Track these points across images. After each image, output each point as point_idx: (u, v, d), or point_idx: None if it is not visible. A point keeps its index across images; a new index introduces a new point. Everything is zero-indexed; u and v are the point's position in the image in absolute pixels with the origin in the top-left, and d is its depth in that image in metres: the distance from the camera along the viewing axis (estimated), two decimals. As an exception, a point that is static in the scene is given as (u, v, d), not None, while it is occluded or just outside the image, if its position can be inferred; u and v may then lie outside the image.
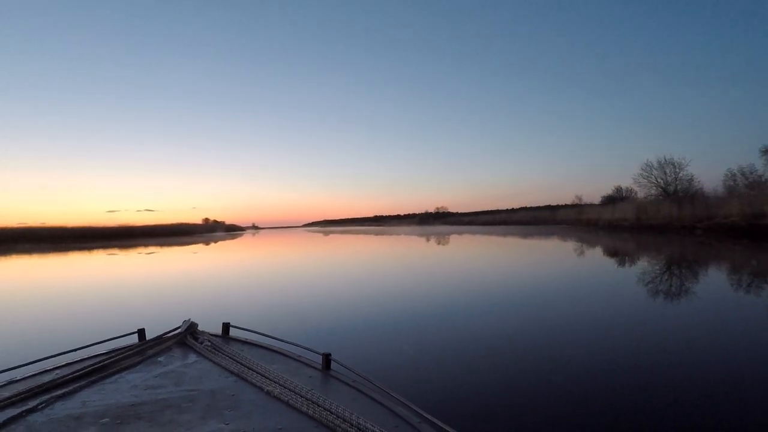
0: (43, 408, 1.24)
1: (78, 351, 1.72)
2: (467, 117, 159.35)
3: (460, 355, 3.55)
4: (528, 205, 71.76)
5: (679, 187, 30.45)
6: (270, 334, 1.97)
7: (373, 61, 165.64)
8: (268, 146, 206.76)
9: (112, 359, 1.63)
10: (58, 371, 1.54)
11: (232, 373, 1.52)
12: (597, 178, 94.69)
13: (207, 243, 33.02)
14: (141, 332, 1.95)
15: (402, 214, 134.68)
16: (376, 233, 43.56)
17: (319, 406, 1.21)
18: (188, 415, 1.20)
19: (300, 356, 1.77)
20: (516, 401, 2.63)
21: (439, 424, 1.14)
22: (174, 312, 5.38)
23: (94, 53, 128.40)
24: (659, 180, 31.99)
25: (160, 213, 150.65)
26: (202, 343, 1.83)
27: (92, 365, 1.56)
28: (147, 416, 1.19)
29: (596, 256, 13.78)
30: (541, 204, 68.38)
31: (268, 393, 1.34)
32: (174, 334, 1.93)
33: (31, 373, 1.52)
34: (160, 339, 1.88)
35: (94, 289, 8.66)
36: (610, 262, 11.71)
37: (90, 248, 28.07)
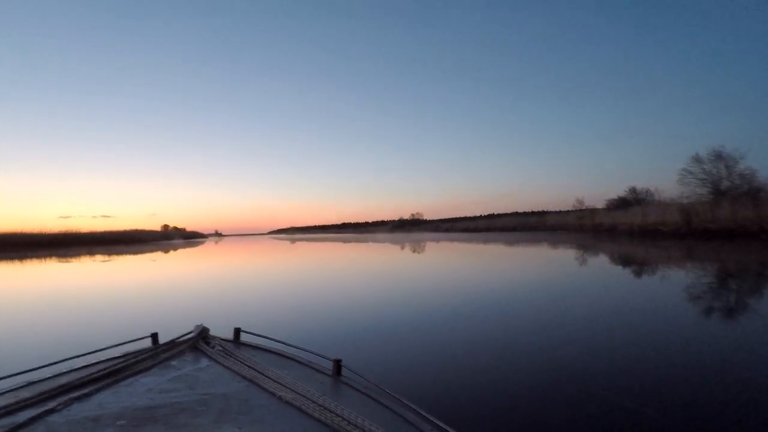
0: (61, 409, 1.25)
1: (94, 354, 1.72)
2: (441, 119, 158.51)
3: (469, 359, 3.47)
4: (509, 211, 69.63)
5: (734, 184, 25.80)
6: (280, 340, 1.99)
7: (342, 61, 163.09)
8: (230, 151, 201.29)
9: (127, 362, 1.63)
10: (75, 373, 1.54)
11: (244, 378, 1.52)
12: (590, 182, 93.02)
13: (166, 251, 30.67)
14: (154, 336, 1.95)
15: (371, 221, 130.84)
16: (350, 241, 41.44)
17: (330, 411, 1.21)
18: (202, 419, 1.20)
19: (311, 362, 1.78)
20: (533, 407, 2.53)
21: (450, 431, 1.15)
22: (182, 316, 5.54)
23: (50, 49, 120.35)
24: (712, 175, 26.95)
25: (117, 219, 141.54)
26: (214, 347, 1.83)
27: (108, 368, 1.56)
28: (162, 419, 1.19)
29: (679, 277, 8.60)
30: (527, 209, 66.13)
31: (280, 398, 1.34)
32: (186, 339, 1.90)
33: (49, 375, 1.51)
34: (173, 343, 1.86)
35: (91, 294, 8.56)
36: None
37: (27, 257, 24.91)
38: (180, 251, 30.18)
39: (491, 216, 68.61)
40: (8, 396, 1.33)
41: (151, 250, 31.03)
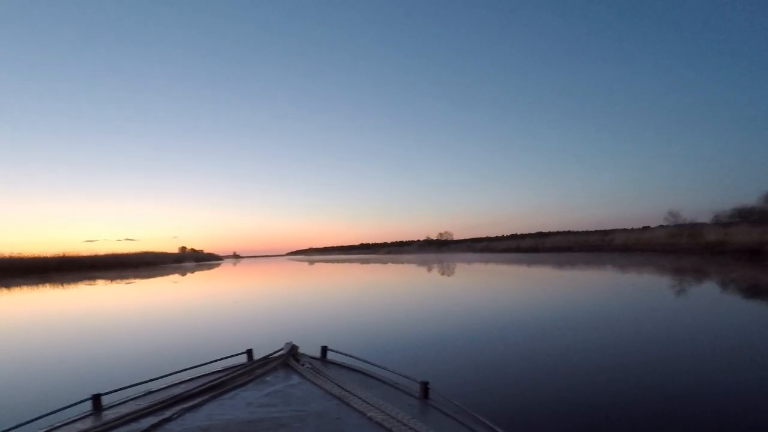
0: (176, 418, 1.36)
1: (198, 368, 1.85)
2: (471, 128, 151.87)
3: (560, 385, 3.40)
4: (555, 230, 61.27)
5: None
6: (366, 359, 2.02)
7: (361, 80, 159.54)
8: (247, 173, 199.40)
9: (228, 377, 1.74)
10: (184, 385, 1.67)
11: (333, 396, 1.55)
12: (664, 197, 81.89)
13: (182, 274, 29.64)
14: (249, 352, 2.04)
15: (390, 242, 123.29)
16: (376, 262, 38.60)
17: None
18: None
19: (396, 383, 1.79)
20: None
21: None
22: (271, 334, 6.01)
23: (74, 75, 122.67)
24: None
25: (140, 242, 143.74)
26: (303, 365, 1.89)
27: (212, 381, 1.67)
28: None
29: None
30: (579, 228, 57.66)
31: (370, 419, 1.34)
32: (278, 356, 2.00)
33: (163, 386, 1.68)
34: (266, 360, 1.97)
35: (171, 313, 9.35)
36: None
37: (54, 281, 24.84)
38: (196, 274, 29.47)
39: (539, 235, 60.10)
40: (131, 404, 1.50)
41: (161, 274, 29.92)
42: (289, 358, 1.96)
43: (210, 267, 46.55)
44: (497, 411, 2.82)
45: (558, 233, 55.06)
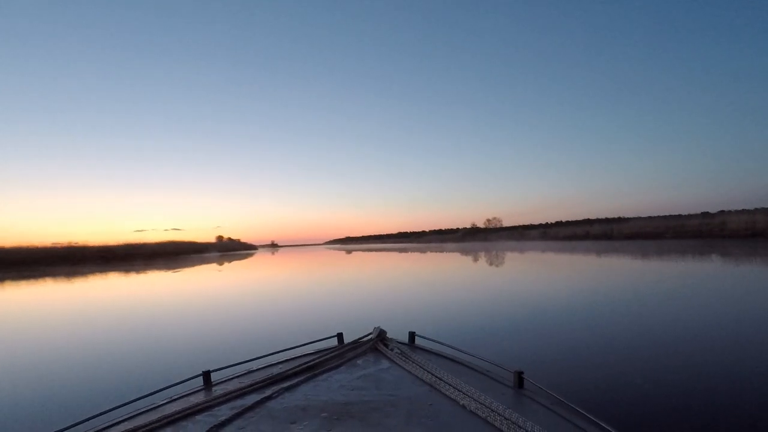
0: (276, 397, 1.44)
1: (293, 349, 1.92)
2: (519, 102, 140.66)
3: (659, 378, 3.22)
4: (623, 214, 51.74)
5: None
6: (455, 346, 1.98)
7: (397, 67, 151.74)
8: (286, 165, 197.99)
9: (321, 359, 1.80)
10: (281, 366, 1.75)
11: (424, 382, 1.55)
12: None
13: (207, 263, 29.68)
14: (339, 336, 2.10)
15: (430, 230, 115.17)
16: (416, 251, 36.42)
17: (515, 425, 1.16)
18: (393, 420, 1.25)
19: (488, 371, 1.75)
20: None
21: None
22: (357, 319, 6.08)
23: (122, 74, 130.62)
24: None
25: (186, 232, 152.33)
26: (392, 350, 1.90)
27: (307, 363, 1.74)
28: (358, 415, 1.29)
29: None
30: (649, 213, 47.89)
31: (463, 407, 1.33)
32: (367, 340, 2.03)
33: (263, 365, 1.76)
34: (355, 344, 2.00)
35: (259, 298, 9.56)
36: None
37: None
38: (225, 265, 28.12)
39: (610, 220, 50.58)
40: (235, 381, 1.61)
41: (177, 266, 27.54)
42: (378, 342, 1.99)
43: (241, 257, 44.09)
44: (594, 402, 2.73)
45: (634, 219, 45.34)
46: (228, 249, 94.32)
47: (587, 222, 52.47)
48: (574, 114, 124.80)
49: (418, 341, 2.12)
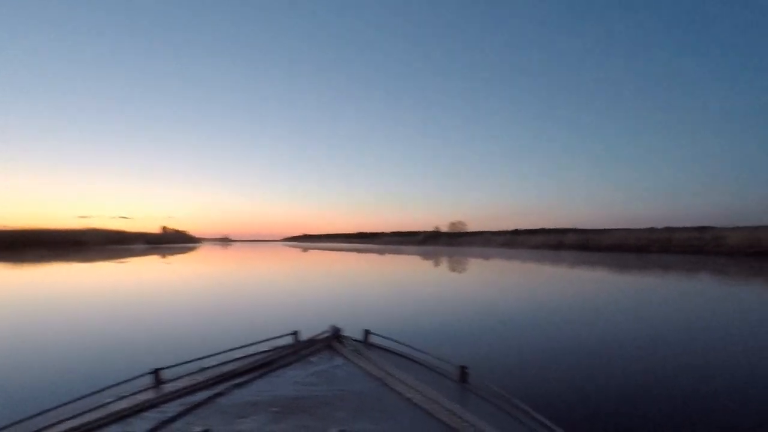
0: (227, 393, 1.44)
1: (248, 347, 1.91)
2: (489, 111, 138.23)
3: (596, 375, 3.58)
4: (607, 226, 48.21)
5: None
6: (406, 343, 2.10)
7: (364, 64, 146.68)
8: (244, 158, 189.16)
9: (275, 356, 1.80)
10: (234, 363, 1.74)
11: (375, 377, 1.59)
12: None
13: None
14: (295, 334, 2.12)
15: (391, 231, 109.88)
16: (375, 252, 35.55)
17: (458, 417, 1.23)
18: (341, 413, 1.29)
19: (436, 366, 1.87)
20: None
21: None
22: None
23: (76, 54, 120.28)
24: None
25: (134, 221, 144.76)
26: (346, 347, 1.93)
27: (260, 360, 1.73)
28: (308, 409, 1.32)
29: None
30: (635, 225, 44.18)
31: (409, 400, 1.38)
32: (322, 338, 2.03)
33: (215, 363, 1.74)
34: (311, 341, 2.00)
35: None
36: None
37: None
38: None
39: (584, 231, 46.68)
40: (186, 379, 1.58)
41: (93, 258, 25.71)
42: (333, 340, 2.00)
43: (179, 251, 39.76)
44: (533, 396, 2.84)
45: (613, 230, 41.38)
46: (169, 241, 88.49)
47: (560, 231, 48.53)
48: (549, 119, 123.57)
49: (372, 339, 2.14)
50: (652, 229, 37.60)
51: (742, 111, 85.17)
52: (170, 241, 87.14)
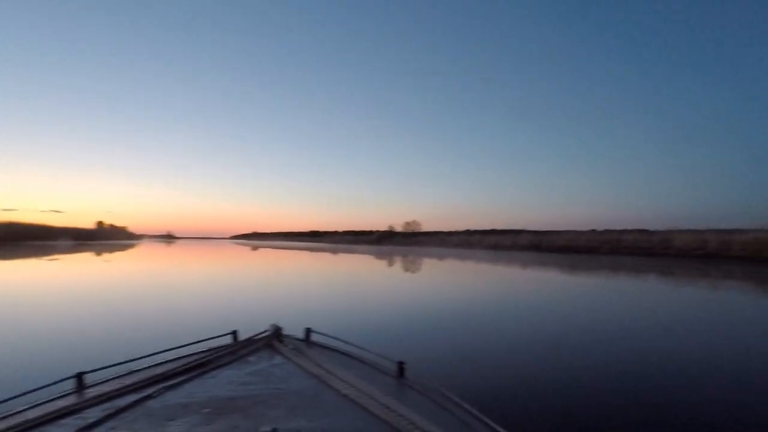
0: (157, 396, 1.38)
1: (183, 348, 1.84)
2: (446, 112, 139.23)
3: (527, 369, 3.73)
4: (559, 228, 48.90)
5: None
6: (347, 340, 2.06)
7: (317, 61, 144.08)
8: (189, 151, 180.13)
9: (212, 357, 1.75)
10: (167, 365, 1.66)
11: (314, 375, 1.58)
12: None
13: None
14: (234, 334, 2.06)
15: (343, 230, 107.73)
16: (326, 251, 35.20)
17: (392, 411, 1.25)
18: (277, 411, 1.28)
19: (375, 363, 1.85)
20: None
21: None
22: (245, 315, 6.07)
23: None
24: None
25: (67, 215, 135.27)
26: (287, 346, 1.91)
27: (195, 361, 1.68)
28: (242, 409, 1.29)
29: None
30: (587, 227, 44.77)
31: (345, 396, 1.39)
32: (262, 337, 2.01)
33: (146, 365, 1.65)
34: (250, 341, 1.97)
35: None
36: None
37: None
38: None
39: (537, 232, 46.98)
40: (113, 382, 1.49)
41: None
42: (273, 339, 1.97)
43: (105, 249, 35.58)
44: (470, 391, 2.85)
45: (568, 232, 41.80)
46: (105, 237, 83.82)
47: (514, 232, 48.70)
48: (504, 120, 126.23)
49: (314, 337, 2.11)
50: (605, 231, 38.18)
51: (689, 116, 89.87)
52: (106, 238, 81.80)
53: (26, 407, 1.30)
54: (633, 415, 2.75)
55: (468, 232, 59.94)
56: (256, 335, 2.00)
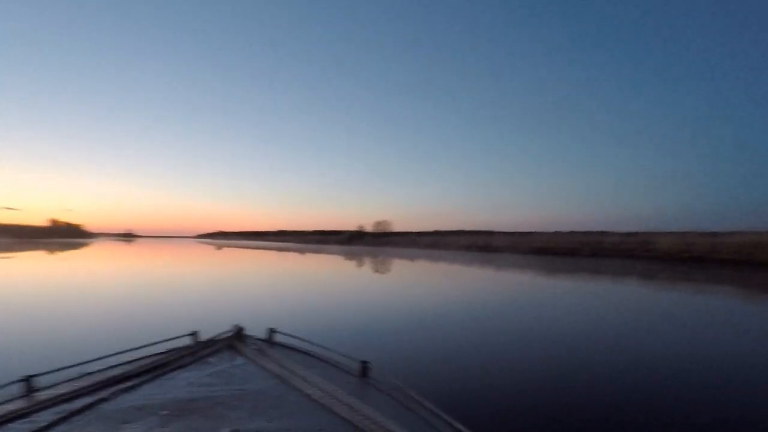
0: (112, 399, 1.34)
1: (140, 349, 1.78)
2: (421, 110, 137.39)
3: (487, 367, 3.77)
4: (535, 229, 47.59)
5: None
6: (310, 340, 2.06)
7: (286, 58, 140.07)
8: (153, 146, 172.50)
9: (170, 358, 1.70)
10: (123, 367, 1.61)
11: (276, 376, 1.57)
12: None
13: None
14: (194, 334, 2.01)
15: (312, 230, 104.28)
16: (294, 251, 33.58)
17: (355, 410, 1.25)
18: (237, 412, 1.27)
19: (339, 363, 1.84)
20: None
21: None
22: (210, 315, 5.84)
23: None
24: None
25: (24, 213, 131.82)
26: (249, 346, 1.89)
27: (153, 363, 1.64)
28: (201, 411, 1.27)
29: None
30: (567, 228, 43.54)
31: (308, 396, 1.38)
32: (223, 338, 1.97)
33: (101, 367, 1.60)
34: (211, 342, 1.93)
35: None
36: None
37: None
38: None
39: (512, 233, 45.20)
40: (65, 385, 1.42)
41: None
42: (235, 339, 1.94)
43: (55, 247, 33.34)
44: (433, 391, 2.89)
45: (545, 232, 40.40)
46: (58, 235, 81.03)
47: (488, 233, 46.99)
48: (474, 120, 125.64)
49: (277, 338, 2.08)
50: (585, 233, 36.80)
51: (670, 118, 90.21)
52: (59, 236, 76.81)
53: None
54: (600, 414, 2.79)
55: (438, 233, 58.01)
56: (218, 336, 1.96)
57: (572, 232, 38.60)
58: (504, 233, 45.42)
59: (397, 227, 73.65)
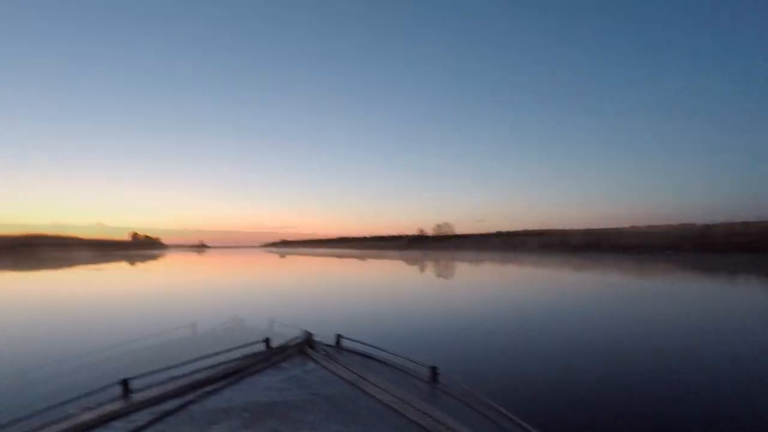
0: (198, 401, 1.42)
1: (219, 355, 1.88)
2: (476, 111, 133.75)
3: (560, 374, 3.59)
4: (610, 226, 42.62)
5: None
6: (378, 346, 2.09)
7: (347, 67, 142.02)
8: (220, 161, 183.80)
9: (247, 363, 1.77)
10: (207, 371, 1.70)
11: (346, 381, 1.59)
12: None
13: None
14: (267, 341, 2.08)
15: (371, 236, 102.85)
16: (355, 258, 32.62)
17: (428, 416, 1.26)
18: (313, 416, 1.30)
19: (407, 368, 1.88)
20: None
21: None
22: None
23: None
24: None
25: (108, 229, 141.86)
26: (318, 352, 1.92)
27: (232, 368, 1.71)
28: (279, 414, 1.32)
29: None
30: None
31: (380, 401, 1.39)
32: (294, 344, 2.02)
33: (187, 372, 1.69)
34: (283, 347, 1.99)
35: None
36: None
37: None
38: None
39: (593, 231, 40.53)
40: (156, 388, 1.54)
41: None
42: (305, 345, 1.99)
43: (137, 259, 34.95)
44: (503, 395, 2.63)
45: (627, 230, 35.50)
46: (139, 247, 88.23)
47: (559, 232, 42.69)
48: (542, 119, 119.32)
49: (344, 343, 2.13)
50: (683, 225, 31.90)
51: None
52: (138, 248, 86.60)
53: (77, 411, 1.33)
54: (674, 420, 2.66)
55: (504, 234, 54.08)
56: (288, 342, 2.01)
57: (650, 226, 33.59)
58: (583, 231, 40.77)
59: (460, 230, 70.48)
